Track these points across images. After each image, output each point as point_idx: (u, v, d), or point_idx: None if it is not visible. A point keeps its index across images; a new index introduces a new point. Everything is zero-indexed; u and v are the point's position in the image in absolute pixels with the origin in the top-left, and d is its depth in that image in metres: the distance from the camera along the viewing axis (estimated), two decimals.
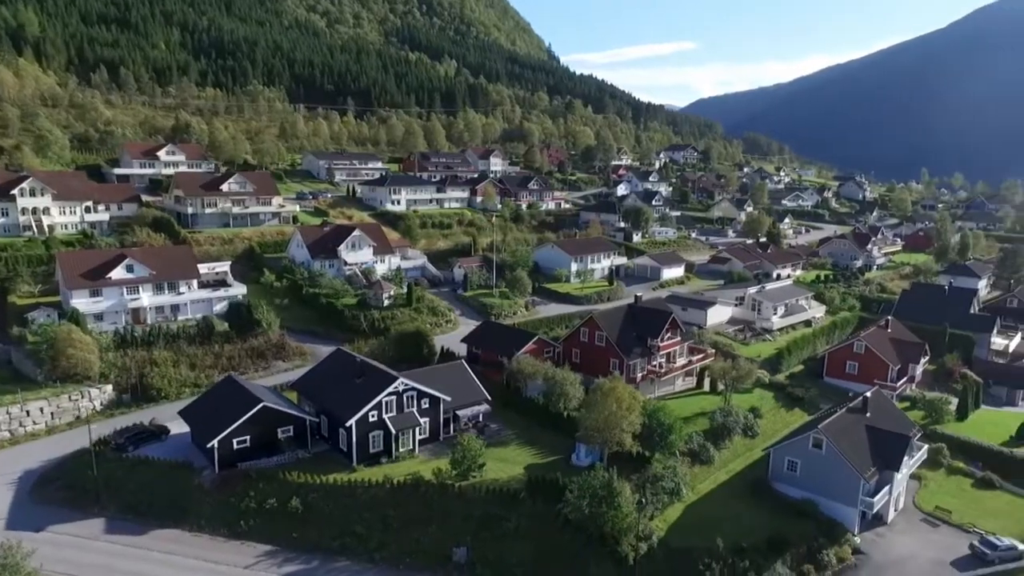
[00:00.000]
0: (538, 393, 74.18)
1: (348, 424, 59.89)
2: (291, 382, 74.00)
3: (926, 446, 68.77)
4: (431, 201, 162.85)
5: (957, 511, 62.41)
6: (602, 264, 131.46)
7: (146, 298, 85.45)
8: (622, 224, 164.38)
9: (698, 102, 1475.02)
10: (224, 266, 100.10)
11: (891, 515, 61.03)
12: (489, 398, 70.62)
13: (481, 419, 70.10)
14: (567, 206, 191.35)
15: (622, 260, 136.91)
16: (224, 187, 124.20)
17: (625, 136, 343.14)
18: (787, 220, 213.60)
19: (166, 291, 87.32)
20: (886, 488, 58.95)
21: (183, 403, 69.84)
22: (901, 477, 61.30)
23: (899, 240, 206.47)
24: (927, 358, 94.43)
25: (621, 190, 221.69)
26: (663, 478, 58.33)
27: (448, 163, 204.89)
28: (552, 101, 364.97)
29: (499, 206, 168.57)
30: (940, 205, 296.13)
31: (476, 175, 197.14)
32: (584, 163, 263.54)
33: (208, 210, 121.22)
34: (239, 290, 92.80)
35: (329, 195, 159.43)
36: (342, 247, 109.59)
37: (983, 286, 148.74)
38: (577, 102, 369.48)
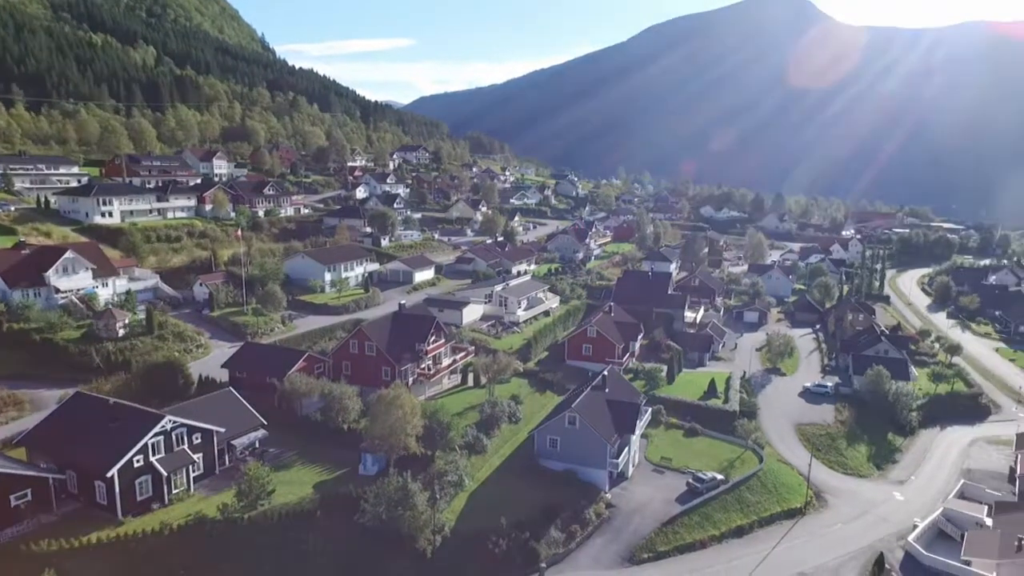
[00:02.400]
0: (315, 410, 75.05)
1: (109, 475, 54.94)
2: (14, 438, 64.14)
3: (650, 409, 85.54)
4: (152, 211, 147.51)
5: (676, 458, 79.40)
6: (356, 271, 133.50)
7: None
8: (368, 229, 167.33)
9: (420, 100, 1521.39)
10: None
11: (631, 470, 75.41)
12: (264, 422, 69.68)
13: (259, 445, 68.93)
14: (307, 211, 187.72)
15: (375, 266, 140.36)
16: None
17: (357, 136, 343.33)
18: (517, 218, 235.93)
19: None
20: (626, 449, 72.88)
21: None
22: (635, 438, 76.06)
23: (609, 232, 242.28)
24: (642, 335, 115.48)
25: (360, 193, 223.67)
26: (447, 473, 64.39)
27: (164, 167, 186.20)
28: (275, 98, 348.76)
29: (232, 214, 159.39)
30: (636, 199, 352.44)
31: (199, 180, 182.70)
32: (317, 164, 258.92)
33: None
34: None
35: (12, 207, 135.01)
36: (51, 272, 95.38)
37: (674, 269, 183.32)
38: (302, 99, 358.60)
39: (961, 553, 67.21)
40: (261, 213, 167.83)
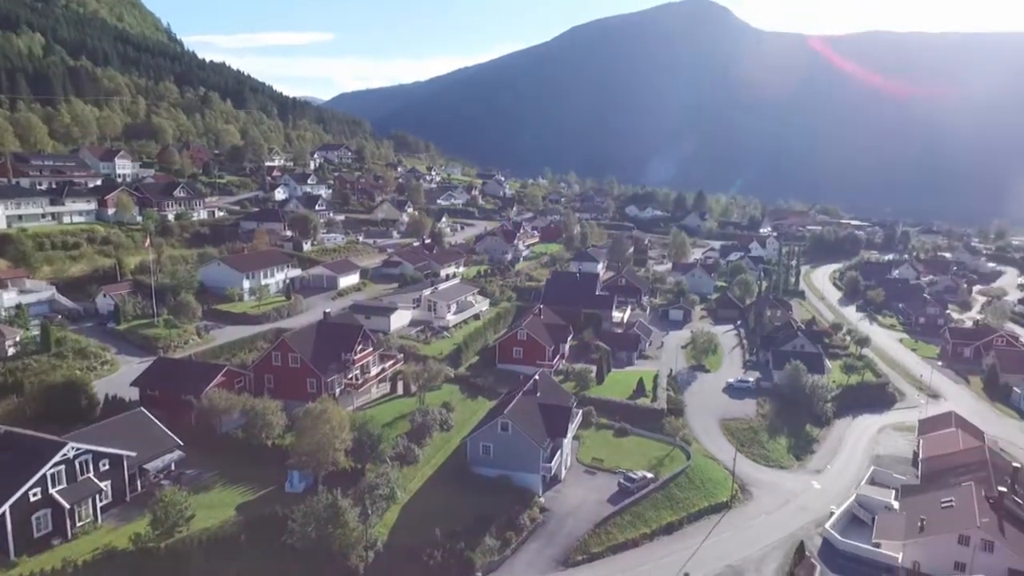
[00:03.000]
0: (236, 427, 72.43)
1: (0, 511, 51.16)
2: None
3: (580, 411, 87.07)
4: (45, 216, 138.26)
5: (607, 458, 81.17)
6: (276, 278, 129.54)
7: None
8: (289, 232, 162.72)
9: (341, 96, 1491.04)
10: None
11: (564, 473, 76.56)
12: (180, 443, 66.70)
13: (175, 468, 65.92)
14: (223, 214, 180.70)
15: (297, 272, 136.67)
16: None
17: (275, 135, 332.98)
18: (444, 219, 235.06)
19: None
20: (559, 452, 73.95)
21: None
22: (567, 441, 77.27)
23: (536, 232, 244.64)
24: (571, 336, 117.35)
25: (279, 194, 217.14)
26: (378, 486, 63.40)
27: (58, 166, 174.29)
28: (184, 93, 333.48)
29: (139, 218, 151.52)
30: (563, 199, 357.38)
31: (100, 181, 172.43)
32: (232, 164, 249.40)
33: None
34: None
35: None
36: None
37: (601, 269, 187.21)
38: (214, 95, 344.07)
39: (872, 536, 71.99)
40: (171, 217, 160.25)
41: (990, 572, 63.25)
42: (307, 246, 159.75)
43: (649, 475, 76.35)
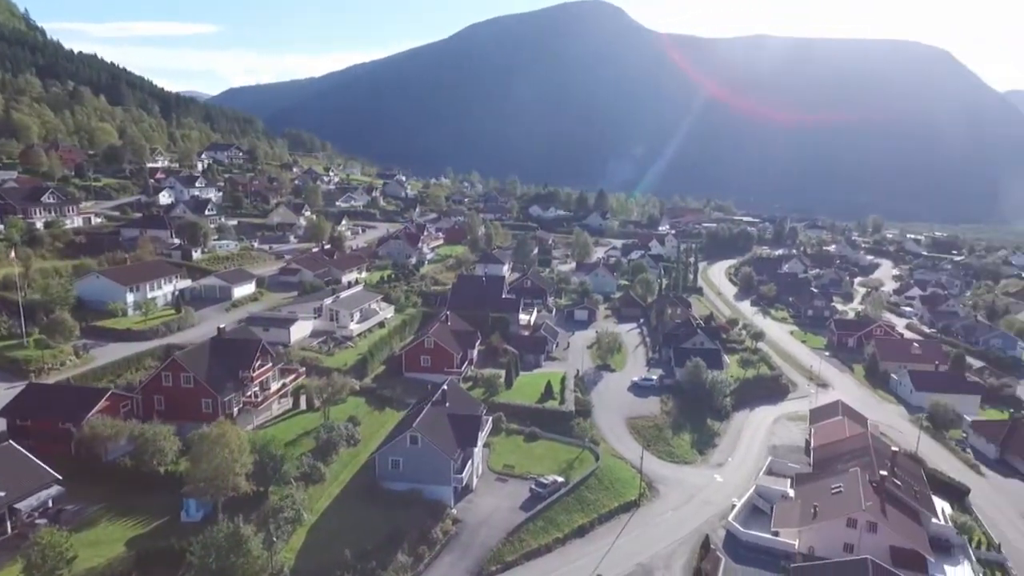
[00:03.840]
0: (124, 455, 68.03)
1: None
2: None
3: (490, 418, 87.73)
4: None
5: (518, 464, 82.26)
6: (164, 290, 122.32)
7: None
8: (176, 240, 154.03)
9: (229, 91, 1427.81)
10: None
11: (475, 482, 76.96)
12: (59, 477, 61.94)
13: (52, 505, 61.09)
14: (100, 221, 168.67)
15: (187, 283, 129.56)
16: None
17: (157, 134, 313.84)
18: (344, 222, 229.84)
19: None
20: (470, 462, 74.27)
21: None
22: (478, 449, 77.73)
23: (441, 234, 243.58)
24: (479, 341, 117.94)
25: (165, 198, 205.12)
26: (283, 509, 61.53)
27: None
28: (48, 87, 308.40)
29: (0, 227, 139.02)
30: (466, 199, 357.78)
31: None
32: (110, 166, 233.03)
33: None
34: None
35: None
36: None
37: (507, 270, 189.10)
38: (85, 90, 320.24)
39: (771, 525, 76.90)
40: (40, 225, 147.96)
41: (874, 551, 68.86)
42: (197, 254, 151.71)
43: (560, 479, 78.05)
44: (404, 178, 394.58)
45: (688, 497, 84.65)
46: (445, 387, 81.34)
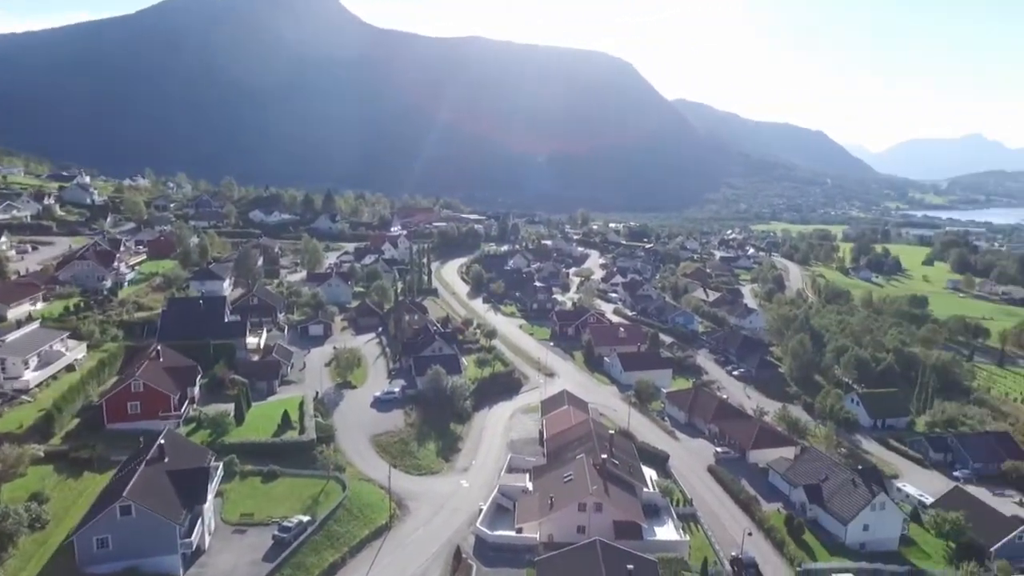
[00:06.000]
0: None
1: None
2: None
3: (221, 464, 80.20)
4: None
5: (257, 510, 76.49)
6: None
7: None
8: None
9: None
10: None
11: (207, 541, 69.77)
12: None
13: None
14: None
15: None
16: None
17: None
18: (3, 239, 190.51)
19: None
20: (199, 521, 67.06)
21: None
22: (209, 504, 70.51)
23: (143, 248, 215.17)
24: (201, 375, 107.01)
25: None
26: None
27: None
28: None
29: None
30: (172, 205, 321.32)
31: None
32: None
33: None
34: None
35: None
36: None
37: (228, 287, 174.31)
38: None
39: (515, 522, 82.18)
40: None
41: (600, 528, 77.59)
42: None
43: (305, 519, 74.38)
44: (88, 179, 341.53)
45: (437, 508, 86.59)
46: (162, 439, 72.25)
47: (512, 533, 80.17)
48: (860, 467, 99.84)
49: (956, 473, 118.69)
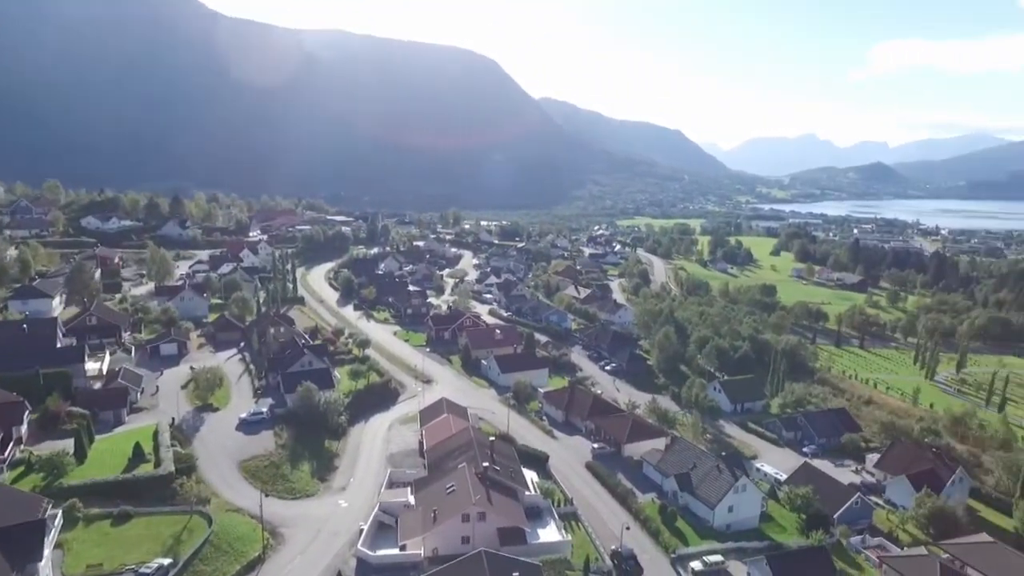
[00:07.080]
0: None
1: None
2: None
3: (59, 511, 72.44)
4: None
5: (107, 558, 69.85)
6: None
7: None
8: None
9: None
10: None
11: None
12: None
13: None
14: None
15: None
16: None
17: None
18: None
19: None
20: None
21: None
22: (45, 561, 63.45)
23: None
24: (29, 411, 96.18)
25: None
26: None
27: None
28: None
29: None
30: None
31: None
32: None
33: None
34: None
35: None
36: None
37: (59, 306, 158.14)
38: None
39: (397, 539, 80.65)
40: None
41: (484, 537, 77.99)
42: None
43: (166, 561, 69.09)
44: None
45: (315, 533, 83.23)
46: None
47: (395, 551, 78.66)
48: (724, 453, 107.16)
49: (804, 449, 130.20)
